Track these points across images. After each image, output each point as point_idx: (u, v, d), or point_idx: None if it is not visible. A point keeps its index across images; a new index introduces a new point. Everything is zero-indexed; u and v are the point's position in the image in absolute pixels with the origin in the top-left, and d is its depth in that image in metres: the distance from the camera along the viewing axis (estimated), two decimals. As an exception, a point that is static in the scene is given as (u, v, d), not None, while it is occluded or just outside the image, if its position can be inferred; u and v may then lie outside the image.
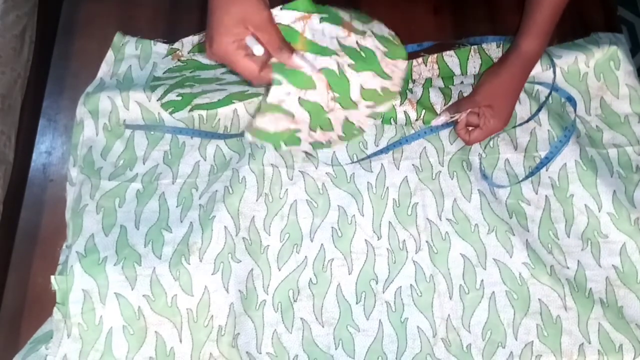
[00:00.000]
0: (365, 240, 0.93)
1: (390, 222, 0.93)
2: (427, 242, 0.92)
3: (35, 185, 1.01)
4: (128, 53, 1.09)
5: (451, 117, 0.97)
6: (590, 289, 0.89)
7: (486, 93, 0.96)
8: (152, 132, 1.01)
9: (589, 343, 0.85)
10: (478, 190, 0.94)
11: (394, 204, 0.94)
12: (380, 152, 0.97)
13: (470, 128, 0.97)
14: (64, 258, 0.93)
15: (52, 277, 0.90)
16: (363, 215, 0.94)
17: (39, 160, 1.03)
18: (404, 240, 0.92)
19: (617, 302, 0.88)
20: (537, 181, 0.95)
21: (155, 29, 1.13)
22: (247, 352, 0.87)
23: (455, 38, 1.10)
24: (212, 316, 0.88)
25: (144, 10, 1.16)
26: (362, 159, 0.97)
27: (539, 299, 0.88)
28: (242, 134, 1.00)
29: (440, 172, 0.96)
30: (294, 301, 0.90)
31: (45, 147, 1.04)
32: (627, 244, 0.90)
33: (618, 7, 1.17)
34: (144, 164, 0.99)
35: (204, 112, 1.02)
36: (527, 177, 0.95)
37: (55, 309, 0.89)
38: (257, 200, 0.94)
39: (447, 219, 0.93)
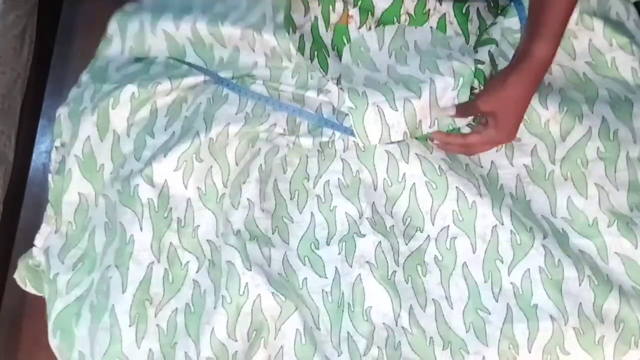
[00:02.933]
0: None
1: None
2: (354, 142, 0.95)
3: (35, 185, 1.02)
4: None
5: (454, 115, 0.95)
6: (502, 184, 0.93)
7: (490, 100, 0.89)
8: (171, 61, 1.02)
9: (502, 224, 0.88)
10: None
11: None
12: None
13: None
14: (59, 157, 0.96)
15: (50, 175, 0.94)
16: None
17: (39, 160, 1.04)
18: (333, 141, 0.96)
19: (526, 196, 0.92)
20: None
21: (154, 29, 1.13)
22: (207, 240, 0.91)
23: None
24: (171, 209, 0.92)
25: (143, 11, 1.16)
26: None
27: (456, 187, 0.91)
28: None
29: None
30: (243, 183, 0.93)
31: (45, 147, 1.05)
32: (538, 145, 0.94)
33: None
34: (149, 72, 1.01)
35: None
36: None
37: (48, 206, 0.93)
38: (236, 114, 0.96)
39: None
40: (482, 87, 0.94)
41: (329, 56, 0.95)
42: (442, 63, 0.94)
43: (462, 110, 0.93)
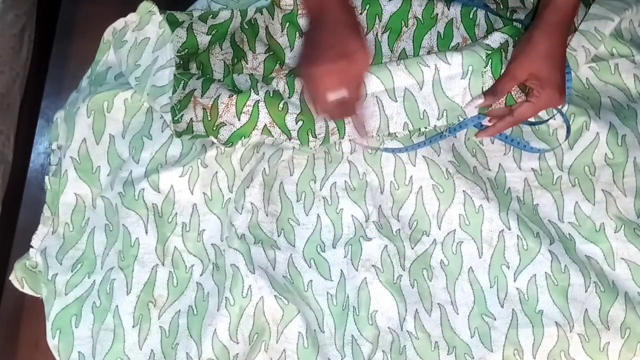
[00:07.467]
0: None
1: None
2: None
3: (34, 185, 1.01)
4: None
5: (485, 102, 0.89)
6: (509, 188, 0.92)
7: (523, 64, 0.85)
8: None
9: (509, 229, 0.89)
10: None
11: None
12: (418, 146, 0.94)
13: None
14: (55, 160, 0.96)
15: (46, 177, 0.94)
16: None
17: (38, 160, 1.03)
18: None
19: (533, 200, 0.92)
20: None
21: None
22: (212, 245, 0.91)
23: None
24: (176, 214, 0.92)
25: (143, 11, 1.16)
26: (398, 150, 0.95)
27: (463, 191, 0.91)
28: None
29: None
30: (247, 188, 0.93)
31: (43, 148, 1.04)
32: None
33: None
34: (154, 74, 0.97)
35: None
36: None
37: (45, 207, 0.93)
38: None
39: None
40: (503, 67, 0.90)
41: None
42: (450, 52, 0.91)
43: (492, 93, 0.89)
